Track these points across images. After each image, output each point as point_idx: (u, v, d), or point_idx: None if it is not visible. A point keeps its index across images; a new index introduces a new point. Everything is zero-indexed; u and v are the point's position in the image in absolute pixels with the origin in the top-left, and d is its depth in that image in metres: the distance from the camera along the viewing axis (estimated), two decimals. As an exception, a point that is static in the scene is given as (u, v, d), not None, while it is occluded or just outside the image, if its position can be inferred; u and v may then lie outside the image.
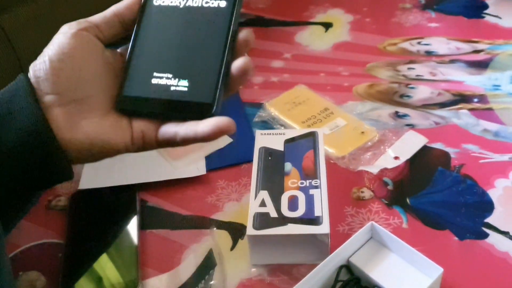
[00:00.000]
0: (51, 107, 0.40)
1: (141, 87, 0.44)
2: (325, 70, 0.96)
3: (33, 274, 0.65)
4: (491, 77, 0.90)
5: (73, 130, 0.41)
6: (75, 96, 0.41)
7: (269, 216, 0.62)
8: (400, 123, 0.82)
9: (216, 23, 0.44)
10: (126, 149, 0.43)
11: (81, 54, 0.42)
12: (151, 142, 0.44)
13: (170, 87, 0.43)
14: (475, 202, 0.69)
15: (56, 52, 0.41)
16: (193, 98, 0.42)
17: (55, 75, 0.40)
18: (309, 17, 1.11)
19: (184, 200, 0.74)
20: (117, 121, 0.43)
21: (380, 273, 0.58)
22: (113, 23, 0.45)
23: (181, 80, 0.43)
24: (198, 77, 0.43)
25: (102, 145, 0.42)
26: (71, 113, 0.41)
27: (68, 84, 0.41)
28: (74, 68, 0.41)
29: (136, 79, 0.44)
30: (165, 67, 0.44)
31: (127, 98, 0.44)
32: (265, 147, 0.71)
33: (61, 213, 0.74)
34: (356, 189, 0.73)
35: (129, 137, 0.43)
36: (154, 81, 0.43)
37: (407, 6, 1.11)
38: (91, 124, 0.42)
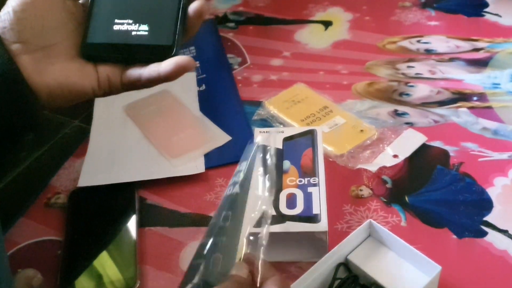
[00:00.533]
0: (18, 55, 0.42)
1: (103, 33, 0.46)
2: (324, 68, 0.96)
3: (30, 271, 0.65)
4: (490, 75, 0.90)
5: (42, 75, 0.43)
6: (41, 43, 0.44)
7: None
8: (399, 121, 0.82)
9: None
10: (93, 93, 0.46)
11: (42, 4, 0.44)
12: (117, 86, 0.46)
13: (131, 32, 0.46)
14: (474, 200, 0.69)
15: (19, 2, 0.43)
16: (154, 41, 0.45)
17: (19, 24, 0.43)
18: (309, 15, 1.11)
19: (183, 198, 0.74)
20: (83, 66, 0.46)
21: (378, 270, 0.58)
22: None
23: (141, 25, 0.46)
24: (157, 21, 0.45)
25: (70, 89, 0.44)
26: (38, 59, 0.43)
27: (33, 32, 0.43)
28: (37, 17, 0.43)
29: (98, 27, 0.46)
30: (125, 13, 0.46)
31: (91, 45, 0.46)
32: (263, 145, 0.71)
33: (60, 211, 0.74)
34: (354, 187, 0.73)
35: (95, 80, 0.46)
36: (115, 28, 0.46)
37: (406, 4, 1.11)
38: (58, 68, 0.44)
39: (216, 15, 1.14)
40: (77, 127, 0.87)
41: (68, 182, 0.78)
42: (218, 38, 1.06)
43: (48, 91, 0.44)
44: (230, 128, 0.83)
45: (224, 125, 0.84)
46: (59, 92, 0.44)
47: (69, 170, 0.80)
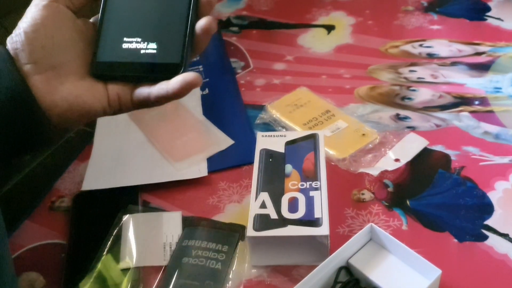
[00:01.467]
0: (30, 75, 0.43)
1: (113, 52, 0.46)
2: (327, 72, 0.97)
3: (33, 274, 0.66)
4: (492, 79, 0.90)
5: (52, 95, 0.43)
6: (51, 63, 0.44)
7: (269, 217, 0.62)
8: (401, 125, 0.83)
9: None
10: (104, 112, 0.46)
11: (53, 23, 0.44)
12: (127, 104, 0.47)
13: (140, 51, 0.46)
14: (475, 204, 0.69)
15: (30, 23, 0.44)
16: (162, 60, 0.45)
17: (30, 44, 0.43)
18: (312, 19, 1.12)
19: (186, 201, 0.74)
20: (93, 86, 0.46)
21: (379, 274, 0.59)
22: None
23: (150, 43, 0.46)
24: (165, 39, 0.46)
25: (80, 108, 0.44)
26: (49, 79, 0.43)
27: (44, 52, 0.43)
28: (47, 36, 0.44)
29: (107, 45, 0.46)
30: (134, 31, 0.46)
31: (100, 64, 0.46)
32: (266, 149, 0.72)
33: (64, 214, 0.75)
34: (356, 191, 0.73)
35: (105, 99, 0.46)
36: (124, 46, 0.46)
37: (409, 8, 1.12)
38: (69, 88, 0.44)
39: (220, 19, 1.15)
40: (82, 131, 0.88)
41: (72, 185, 0.79)
42: (222, 42, 1.07)
43: (59, 112, 0.44)
44: (233, 132, 0.84)
45: (227, 129, 0.84)
46: (69, 113, 0.44)
47: (73, 174, 0.80)
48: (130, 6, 0.47)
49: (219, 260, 0.65)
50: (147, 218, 0.71)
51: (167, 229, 0.69)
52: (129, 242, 0.68)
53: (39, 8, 0.44)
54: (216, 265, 0.64)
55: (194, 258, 0.65)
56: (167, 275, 0.64)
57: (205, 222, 0.71)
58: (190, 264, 0.64)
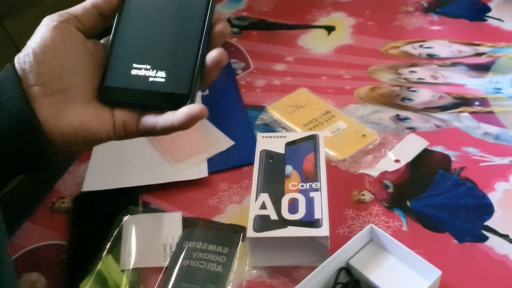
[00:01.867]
0: (37, 98, 0.42)
1: (121, 78, 0.45)
2: (327, 73, 0.97)
3: (34, 275, 0.66)
4: (492, 80, 0.90)
5: (57, 120, 0.42)
6: (59, 87, 0.43)
7: (270, 218, 0.62)
8: (401, 126, 0.83)
9: (193, 16, 0.45)
10: (108, 138, 0.45)
11: (62, 45, 0.43)
12: (133, 131, 0.46)
13: (148, 78, 0.45)
14: (475, 205, 0.69)
15: (39, 44, 0.43)
16: (170, 89, 0.44)
17: (39, 67, 0.42)
18: (312, 20, 1.12)
19: (186, 202, 0.74)
20: (99, 111, 0.45)
21: (379, 275, 0.59)
22: (93, 14, 0.46)
23: (159, 71, 0.45)
24: (175, 69, 0.45)
25: (85, 134, 0.44)
26: (55, 103, 0.43)
27: (52, 75, 0.43)
28: (56, 59, 0.43)
29: (116, 70, 0.46)
30: (144, 58, 0.46)
31: (108, 89, 0.45)
32: (266, 150, 0.72)
33: (64, 215, 0.75)
34: (356, 191, 0.73)
35: (111, 126, 0.45)
36: (133, 72, 0.45)
37: (409, 9, 1.12)
38: (74, 114, 0.43)
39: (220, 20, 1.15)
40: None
41: (72, 186, 0.79)
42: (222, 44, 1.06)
43: (63, 137, 0.43)
44: (233, 133, 0.84)
45: (227, 130, 0.84)
46: (73, 138, 0.43)
47: (73, 175, 0.81)
48: (142, 32, 0.46)
49: (220, 262, 0.65)
50: (147, 219, 0.71)
51: (167, 230, 0.69)
52: (129, 243, 0.68)
53: (49, 29, 0.43)
54: (217, 268, 0.64)
55: (195, 261, 0.65)
56: (168, 277, 0.64)
57: (206, 223, 0.71)
58: (191, 267, 0.64)
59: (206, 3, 0.45)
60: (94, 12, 0.46)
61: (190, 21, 0.45)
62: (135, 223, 0.70)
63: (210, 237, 0.68)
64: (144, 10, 0.47)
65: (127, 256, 0.67)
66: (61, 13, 0.45)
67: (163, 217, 0.72)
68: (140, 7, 0.47)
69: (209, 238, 0.68)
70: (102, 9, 0.46)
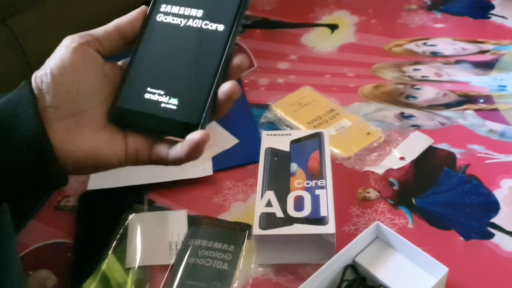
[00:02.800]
0: (51, 120, 0.42)
1: (134, 100, 0.45)
2: (330, 71, 0.97)
3: (44, 272, 0.66)
4: (496, 77, 0.90)
5: (70, 145, 0.42)
6: (73, 110, 0.43)
7: (275, 216, 0.63)
8: (406, 124, 0.83)
9: (212, 47, 0.45)
10: (119, 164, 0.45)
11: (81, 68, 0.43)
12: (144, 160, 0.45)
13: (160, 104, 0.44)
14: (481, 202, 0.69)
15: (58, 65, 0.42)
16: (181, 117, 0.43)
17: (55, 89, 0.42)
18: (315, 18, 1.12)
19: (191, 200, 0.75)
20: (112, 137, 0.44)
21: (386, 272, 0.59)
22: (115, 37, 0.45)
23: (172, 98, 0.44)
24: (188, 97, 0.44)
25: (96, 160, 0.43)
26: (69, 127, 0.42)
27: (67, 98, 0.42)
28: (73, 82, 0.42)
29: (130, 92, 0.45)
30: (159, 83, 0.45)
31: (120, 110, 0.45)
32: (271, 148, 0.72)
33: (70, 214, 0.75)
34: (361, 189, 0.73)
35: (123, 153, 0.44)
36: (147, 96, 0.45)
37: (412, 7, 1.12)
38: (87, 139, 0.43)
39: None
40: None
41: (78, 185, 0.79)
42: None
43: (75, 162, 0.42)
44: (237, 131, 0.84)
45: (232, 128, 0.84)
46: (84, 163, 0.43)
47: (78, 173, 0.81)
48: (160, 56, 0.46)
49: (226, 260, 0.65)
50: (152, 217, 0.71)
51: (172, 227, 0.70)
52: (135, 241, 0.68)
53: (69, 50, 0.43)
54: (223, 266, 0.64)
55: (201, 258, 0.65)
56: (173, 274, 0.64)
57: (211, 221, 0.71)
58: (197, 265, 0.64)
59: (227, 34, 0.45)
60: (116, 35, 0.45)
61: (209, 51, 0.45)
62: (140, 221, 0.71)
63: (215, 235, 0.68)
64: (165, 35, 0.46)
65: (132, 255, 0.67)
66: (82, 34, 0.44)
67: (168, 215, 0.72)
68: (161, 32, 0.46)
69: (214, 236, 0.68)
70: (125, 33, 0.46)
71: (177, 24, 0.46)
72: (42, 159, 0.41)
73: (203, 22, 0.46)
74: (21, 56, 0.84)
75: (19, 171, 0.41)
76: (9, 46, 0.83)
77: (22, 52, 0.84)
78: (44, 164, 0.41)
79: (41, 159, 0.41)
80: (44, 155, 0.41)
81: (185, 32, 0.46)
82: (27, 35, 0.85)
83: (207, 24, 0.45)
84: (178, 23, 0.46)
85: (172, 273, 0.64)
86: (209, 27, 0.45)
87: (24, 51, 0.85)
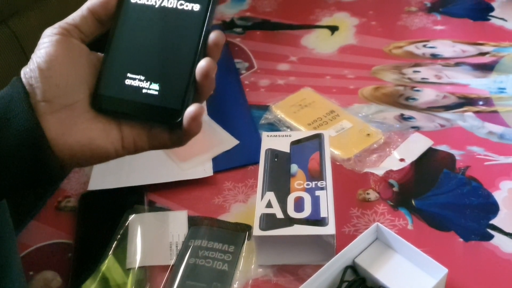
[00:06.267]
0: (44, 114, 0.42)
1: (115, 87, 0.44)
2: (330, 73, 0.97)
3: (49, 274, 0.66)
4: (496, 80, 0.90)
5: (65, 137, 0.42)
6: (65, 102, 0.42)
7: (276, 217, 0.63)
8: (406, 125, 0.83)
9: (189, 27, 0.44)
10: (116, 154, 0.44)
11: (67, 61, 0.43)
12: (144, 146, 0.45)
13: (141, 90, 0.44)
14: (480, 204, 0.70)
15: (44, 59, 0.42)
16: (162, 103, 0.43)
17: (45, 83, 0.42)
18: (315, 20, 1.12)
19: (191, 201, 0.75)
20: (106, 127, 0.44)
21: (385, 273, 0.59)
22: (91, 21, 0.45)
23: (153, 84, 0.44)
24: (168, 82, 0.43)
25: (93, 150, 0.43)
26: (62, 120, 0.42)
27: (58, 91, 0.42)
28: (62, 75, 0.42)
29: (111, 79, 0.44)
30: (139, 68, 0.44)
31: (101, 97, 0.44)
32: (271, 149, 0.72)
33: (70, 214, 0.75)
34: (361, 190, 0.73)
35: (119, 142, 0.44)
36: (127, 82, 0.44)
37: (412, 9, 1.12)
38: (82, 130, 0.43)
39: (223, 20, 1.15)
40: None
41: (78, 185, 0.79)
42: (226, 43, 1.07)
43: (71, 154, 0.42)
44: (237, 132, 0.84)
45: (232, 129, 0.85)
46: (81, 154, 0.43)
47: (79, 174, 0.81)
48: (137, 40, 0.45)
49: (226, 261, 0.65)
50: (153, 217, 0.72)
51: (173, 228, 0.70)
52: (135, 242, 0.68)
53: (53, 43, 0.42)
54: (223, 267, 0.64)
55: (201, 259, 0.65)
56: (174, 275, 0.64)
57: (211, 221, 0.71)
58: (197, 265, 0.65)
59: (203, 15, 0.44)
60: (92, 18, 0.45)
61: (187, 32, 0.44)
62: (141, 222, 0.71)
63: (215, 236, 0.68)
64: (140, 17, 0.45)
65: (133, 255, 0.67)
66: (62, 24, 0.44)
67: (168, 216, 0.72)
68: (137, 14, 0.45)
69: (214, 236, 0.68)
70: (99, 14, 0.45)
71: (152, 5, 0.45)
72: (38, 153, 0.41)
73: (178, 2, 0.45)
74: (21, 57, 0.84)
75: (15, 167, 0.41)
76: (9, 47, 0.83)
77: (22, 52, 0.85)
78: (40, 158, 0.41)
79: (37, 153, 0.41)
80: (40, 149, 0.41)
81: (161, 13, 0.45)
82: (28, 36, 0.85)
83: (182, 4, 0.44)
84: (153, 4, 0.45)
85: (172, 273, 0.65)
86: (185, 7, 0.44)
87: (24, 52, 0.85)
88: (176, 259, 0.66)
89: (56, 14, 0.89)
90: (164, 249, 0.68)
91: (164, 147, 0.45)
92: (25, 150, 0.41)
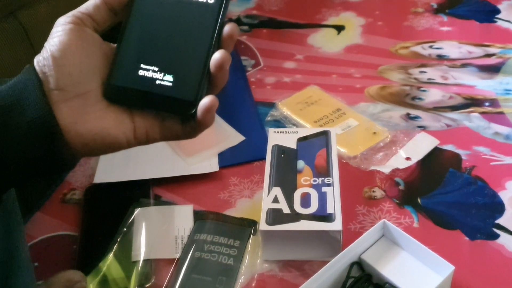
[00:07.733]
0: (57, 102, 0.41)
1: (128, 77, 0.44)
2: (337, 71, 0.97)
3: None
4: (502, 81, 0.91)
5: (77, 126, 0.42)
6: (77, 91, 0.42)
7: (282, 212, 0.63)
8: (412, 125, 0.83)
9: (203, 19, 0.44)
10: (128, 144, 0.44)
11: (81, 49, 0.43)
12: (155, 136, 0.45)
13: (155, 81, 0.44)
14: (486, 203, 0.70)
15: (58, 48, 0.42)
16: (176, 94, 0.43)
17: (58, 71, 0.42)
18: (322, 19, 1.12)
19: (197, 195, 0.75)
20: (119, 116, 0.44)
21: (392, 270, 0.59)
22: (104, 11, 0.45)
23: (166, 75, 0.43)
24: (182, 73, 0.43)
25: (104, 139, 0.43)
26: (75, 108, 0.42)
27: (71, 80, 0.42)
28: (75, 63, 0.42)
29: (124, 69, 0.44)
30: (152, 59, 0.44)
31: (113, 87, 0.44)
32: (278, 145, 0.72)
33: (75, 206, 0.75)
34: (367, 188, 0.73)
35: (131, 132, 0.44)
36: (141, 73, 0.44)
37: (419, 10, 1.12)
38: (94, 119, 0.43)
39: (230, 18, 1.15)
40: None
41: (83, 178, 0.79)
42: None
43: (82, 142, 0.42)
44: (244, 129, 0.84)
45: (238, 126, 0.85)
46: (93, 143, 0.43)
47: (84, 167, 0.81)
48: (151, 31, 0.45)
49: (231, 255, 0.65)
50: (158, 211, 0.72)
51: (178, 222, 0.70)
52: (141, 235, 0.68)
53: (67, 32, 0.42)
54: (228, 261, 0.64)
55: (207, 253, 0.65)
56: (179, 268, 0.64)
57: (217, 216, 0.71)
58: (203, 259, 0.64)
59: (218, 5, 0.44)
60: (105, 8, 0.45)
61: (201, 24, 0.44)
62: (146, 215, 0.71)
63: (221, 230, 0.68)
64: (154, 7, 0.45)
65: (138, 248, 0.67)
66: (75, 13, 0.44)
67: (174, 210, 0.72)
68: (151, 4, 0.45)
69: (220, 231, 0.68)
70: (112, 4, 0.45)
71: None
72: (51, 140, 0.41)
73: None
74: (29, 49, 0.84)
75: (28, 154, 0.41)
76: (18, 39, 0.83)
77: (30, 45, 0.85)
78: (53, 146, 0.41)
79: (50, 141, 0.41)
80: (53, 137, 0.41)
81: (175, 4, 0.45)
82: (36, 28, 0.85)
83: None
84: None
85: (177, 267, 0.65)
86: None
87: (32, 44, 0.85)
88: (182, 252, 0.66)
89: (64, 6, 0.88)
90: (169, 243, 0.67)
91: (176, 138, 0.45)
92: (38, 138, 0.40)
